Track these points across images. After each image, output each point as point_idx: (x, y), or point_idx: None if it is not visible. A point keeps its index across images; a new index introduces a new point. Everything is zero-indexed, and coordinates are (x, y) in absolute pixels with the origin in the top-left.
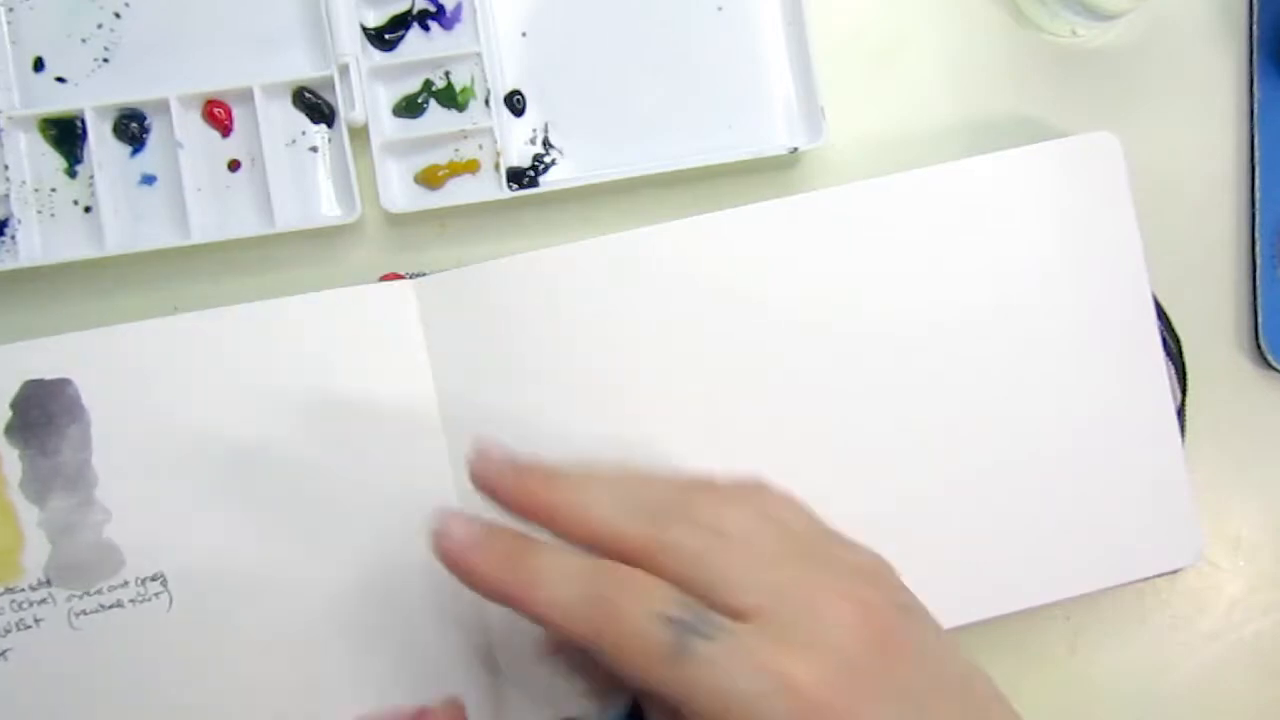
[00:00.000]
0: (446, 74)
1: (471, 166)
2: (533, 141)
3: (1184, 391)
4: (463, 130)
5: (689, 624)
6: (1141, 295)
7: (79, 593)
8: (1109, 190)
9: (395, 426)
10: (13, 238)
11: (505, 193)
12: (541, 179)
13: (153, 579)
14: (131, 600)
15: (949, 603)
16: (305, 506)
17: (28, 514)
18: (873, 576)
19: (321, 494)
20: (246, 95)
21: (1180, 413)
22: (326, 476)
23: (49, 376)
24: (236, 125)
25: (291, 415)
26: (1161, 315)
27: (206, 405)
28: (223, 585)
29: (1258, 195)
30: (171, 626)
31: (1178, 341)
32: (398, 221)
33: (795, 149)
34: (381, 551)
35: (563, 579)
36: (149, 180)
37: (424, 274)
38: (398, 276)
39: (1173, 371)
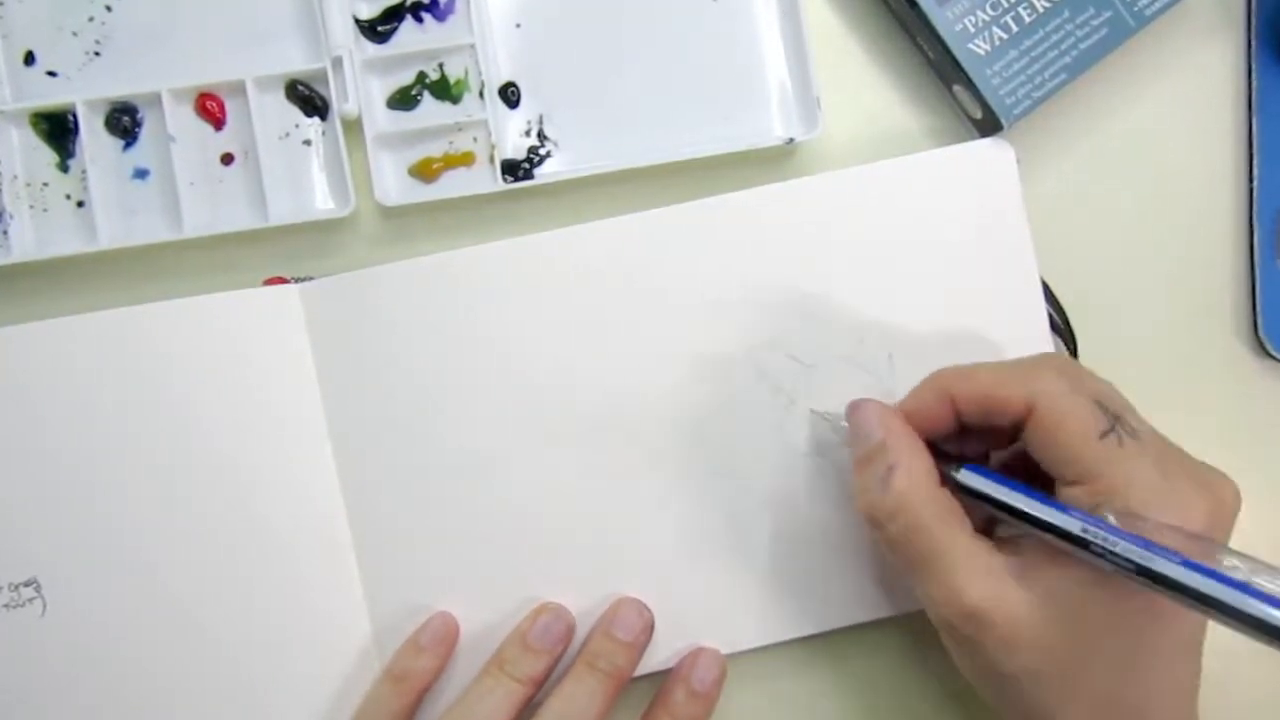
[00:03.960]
0: (440, 66)
1: (466, 159)
2: (527, 134)
3: (1075, 359)
4: (457, 123)
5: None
6: (1030, 278)
7: None
8: (1002, 189)
9: (280, 433)
10: (4, 233)
11: (500, 185)
12: (536, 171)
13: (26, 584)
14: (4, 605)
15: None
16: (185, 513)
17: None
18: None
19: (202, 501)
20: (239, 88)
21: None
22: (207, 484)
23: None
24: (229, 118)
25: (171, 421)
26: (1050, 298)
27: (84, 410)
28: (98, 591)
29: (1256, 184)
30: (45, 632)
31: (1065, 318)
32: (392, 215)
33: (791, 140)
34: (265, 561)
35: None
36: (141, 174)
37: (311, 278)
38: (282, 280)
39: (1061, 345)
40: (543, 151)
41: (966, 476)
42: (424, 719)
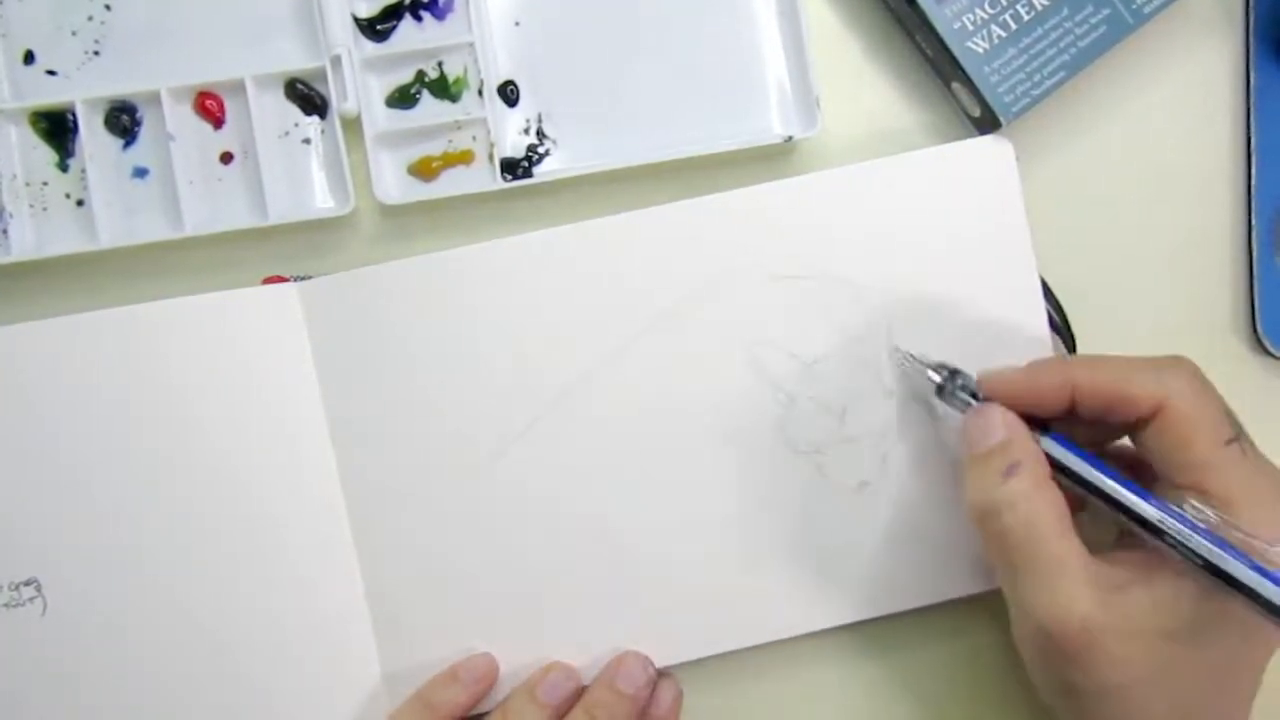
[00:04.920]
0: (439, 64)
1: (465, 157)
2: (526, 132)
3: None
4: (456, 121)
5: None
6: (1029, 276)
7: None
8: (1001, 187)
9: (279, 432)
10: (4, 232)
11: (499, 184)
12: (535, 170)
13: (26, 584)
14: (5, 605)
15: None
16: (185, 512)
17: None
18: None
19: (202, 500)
20: (238, 87)
21: None
22: (209, 483)
23: None
24: (228, 117)
25: (171, 420)
26: (1049, 295)
27: (84, 409)
28: (98, 591)
29: (1254, 182)
30: (46, 632)
31: (1064, 315)
32: (391, 213)
33: (790, 138)
34: (265, 561)
35: None
36: (141, 173)
37: (310, 277)
38: (281, 279)
39: (1060, 342)
40: (542, 150)
41: (1051, 446)
42: None
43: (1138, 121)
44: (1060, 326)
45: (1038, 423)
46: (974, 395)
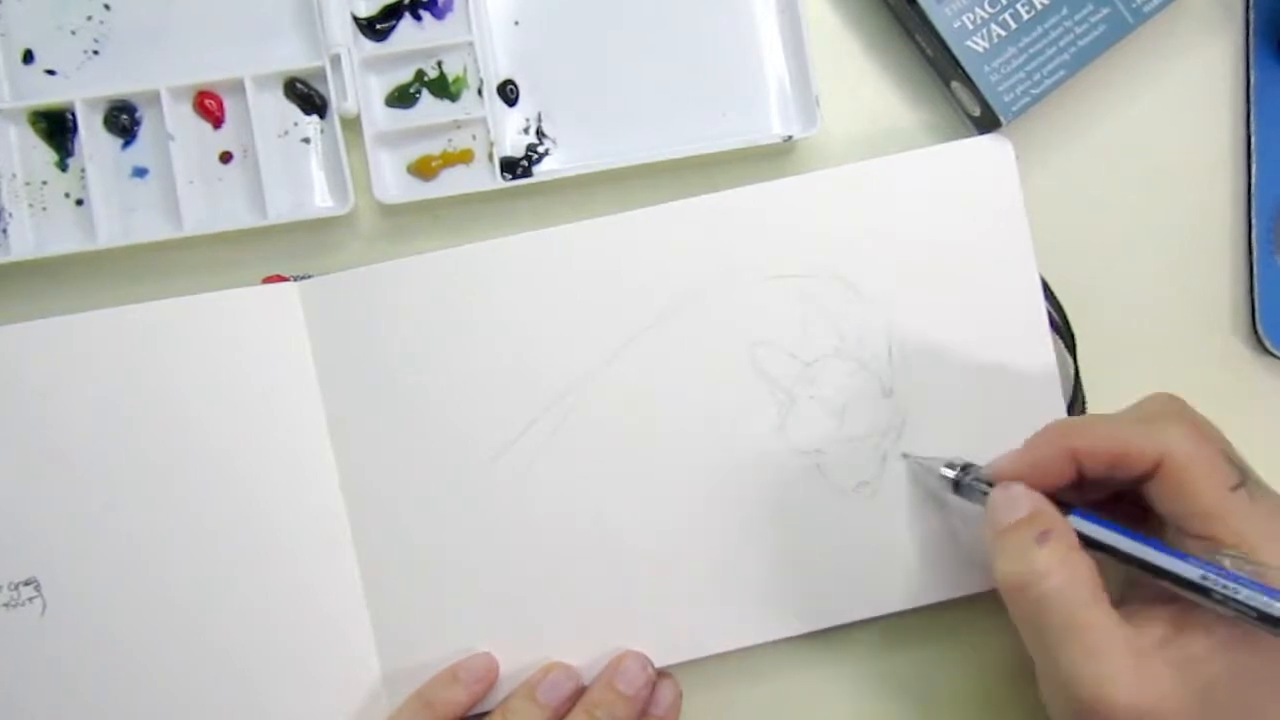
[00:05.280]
0: (439, 64)
1: (465, 157)
2: (526, 131)
3: (1074, 356)
4: (456, 120)
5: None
6: (1029, 275)
7: None
8: (1001, 186)
9: (279, 431)
10: (4, 231)
11: (499, 183)
12: (535, 169)
13: (25, 583)
14: (4, 605)
15: None
16: (185, 511)
17: None
18: None
19: (201, 499)
20: (238, 86)
21: (1076, 378)
22: (208, 484)
23: None
24: (228, 117)
25: (171, 419)
26: (1049, 294)
27: (83, 408)
28: (97, 590)
29: (1254, 180)
30: (45, 631)
31: (1064, 315)
32: (391, 212)
33: (790, 137)
34: (265, 560)
35: None
36: (140, 173)
37: (309, 276)
38: (281, 279)
39: (1060, 342)
40: (541, 149)
41: (1079, 523)
42: None
43: (1137, 121)
44: (1060, 326)
45: (1057, 503)
46: (989, 484)
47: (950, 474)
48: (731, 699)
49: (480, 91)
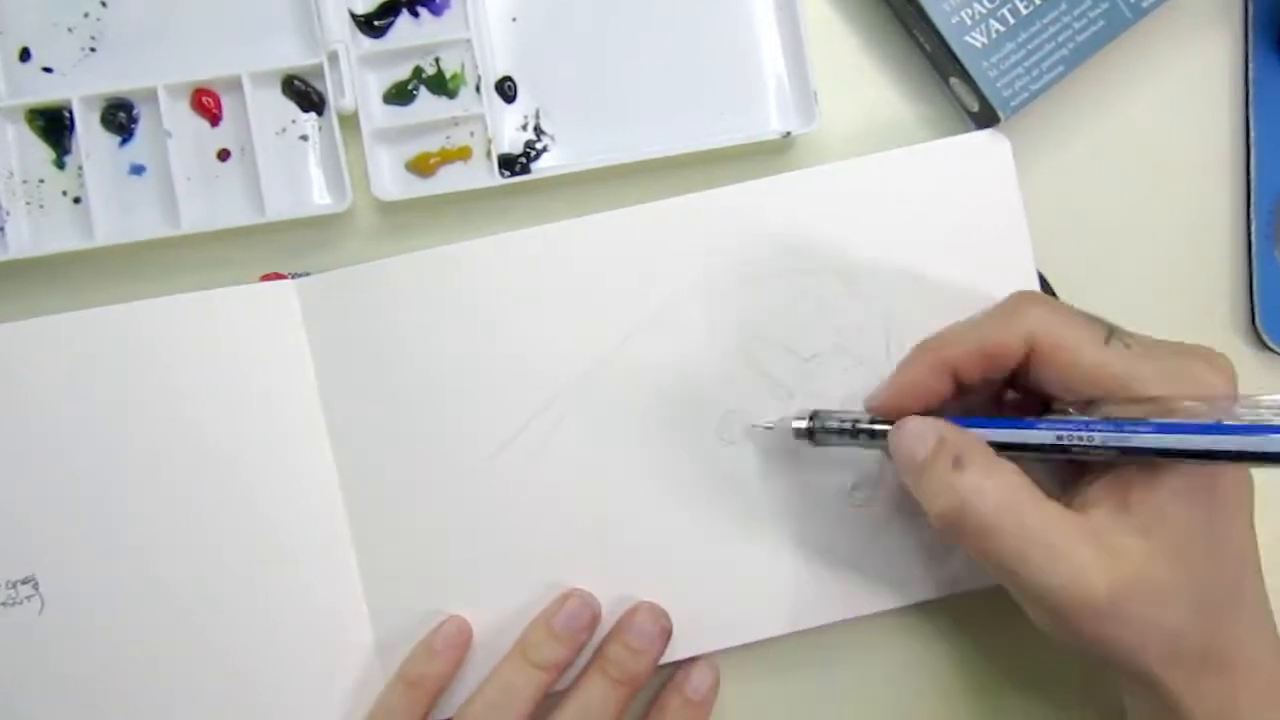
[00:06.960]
0: (437, 60)
1: (463, 154)
2: (524, 128)
3: None
4: (454, 117)
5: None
6: (1027, 271)
7: None
8: (999, 182)
9: (277, 429)
10: (1, 229)
11: (497, 180)
12: (533, 166)
13: (24, 582)
14: (2, 603)
15: None
16: (183, 510)
17: None
18: None
19: (200, 497)
20: (235, 84)
21: None
22: (207, 481)
23: None
24: (225, 114)
25: (169, 417)
26: (1046, 290)
27: (81, 407)
28: (96, 589)
29: (1253, 176)
30: (43, 630)
31: None
32: (389, 210)
33: (788, 133)
34: (264, 558)
35: None
36: (138, 170)
37: (308, 274)
38: (279, 276)
39: None
40: (539, 146)
41: (977, 432)
42: (440, 714)
43: (1136, 116)
44: None
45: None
46: (851, 427)
47: (803, 424)
48: (729, 698)
49: (478, 88)
